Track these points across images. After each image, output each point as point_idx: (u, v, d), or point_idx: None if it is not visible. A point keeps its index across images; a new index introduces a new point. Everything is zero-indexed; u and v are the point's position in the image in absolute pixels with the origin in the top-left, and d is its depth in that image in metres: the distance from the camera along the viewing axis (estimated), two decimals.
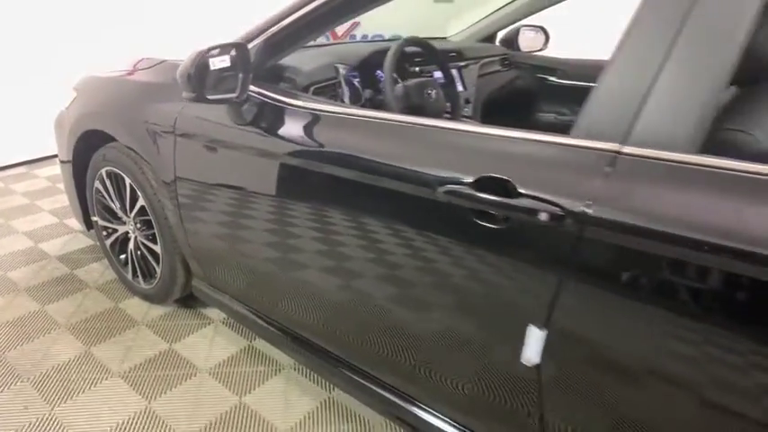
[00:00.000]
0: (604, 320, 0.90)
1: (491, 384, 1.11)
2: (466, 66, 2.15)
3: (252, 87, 1.39)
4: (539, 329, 0.95)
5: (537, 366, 0.98)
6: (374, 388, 1.37)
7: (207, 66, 1.23)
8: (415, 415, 1.29)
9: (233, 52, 1.29)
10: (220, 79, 1.30)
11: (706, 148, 0.85)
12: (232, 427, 1.50)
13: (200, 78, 1.23)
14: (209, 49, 1.23)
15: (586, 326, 0.92)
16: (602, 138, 0.89)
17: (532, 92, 2.53)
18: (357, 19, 4.81)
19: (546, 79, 2.50)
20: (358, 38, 4.69)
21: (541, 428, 1.05)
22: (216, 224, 1.56)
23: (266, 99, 1.38)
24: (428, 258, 1.09)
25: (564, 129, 0.95)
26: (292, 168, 1.30)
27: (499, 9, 2.46)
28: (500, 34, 2.64)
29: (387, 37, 4.19)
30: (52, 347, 1.81)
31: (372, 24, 4.59)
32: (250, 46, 1.38)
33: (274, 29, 1.37)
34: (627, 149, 0.86)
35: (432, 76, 1.88)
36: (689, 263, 0.79)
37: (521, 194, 0.92)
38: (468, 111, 2.10)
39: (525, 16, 2.53)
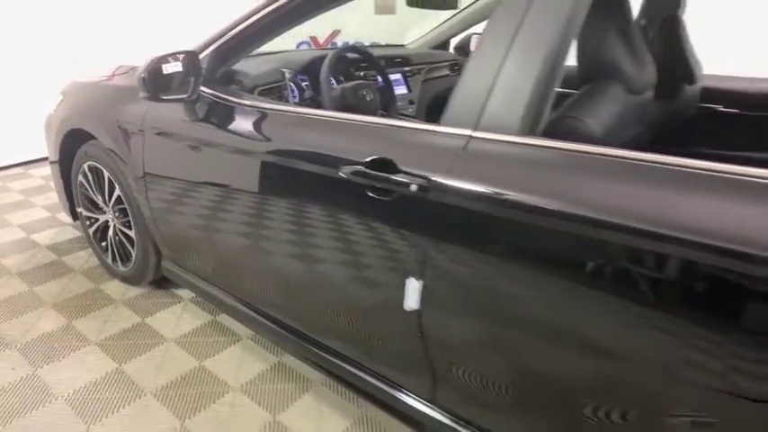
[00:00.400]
0: (464, 270, 1.12)
1: (390, 332, 1.33)
2: (411, 70, 2.38)
3: (204, 89, 1.63)
4: (416, 281, 1.17)
5: (417, 312, 1.20)
6: (315, 349, 1.58)
7: (160, 70, 1.46)
8: (347, 370, 1.51)
9: (185, 59, 1.52)
10: (176, 82, 1.54)
11: (550, 132, 1.08)
12: (190, 385, 1.72)
13: (153, 81, 1.46)
14: (162, 57, 1.47)
15: (451, 275, 1.14)
16: (460, 125, 1.12)
17: None
18: (338, 28, 5.08)
19: None
20: (339, 45, 4.95)
21: (429, 365, 1.27)
22: (180, 210, 1.79)
23: (216, 99, 1.61)
24: (341, 228, 1.32)
25: None
26: (239, 157, 1.53)
27: (449, 18, 2.69)
28: (454, 41, 2.87)
29: (367, 44, 4.44)
30: (38, 321, 2.04)
31: (351, 35, 4.86)
32: (202, 55, 1.63)
33: (223, 39, 1.61)
34: (476, 134, 1.09)
35: (376, 80, 2.12)
36: (521, 221, 1.01)
37: (399, 171, 1.15)
38: (412, 110, 2.33)
39: (477, 23, 2.76)
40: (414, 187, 1.12)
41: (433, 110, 2.50)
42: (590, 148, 1.00)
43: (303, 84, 1.91)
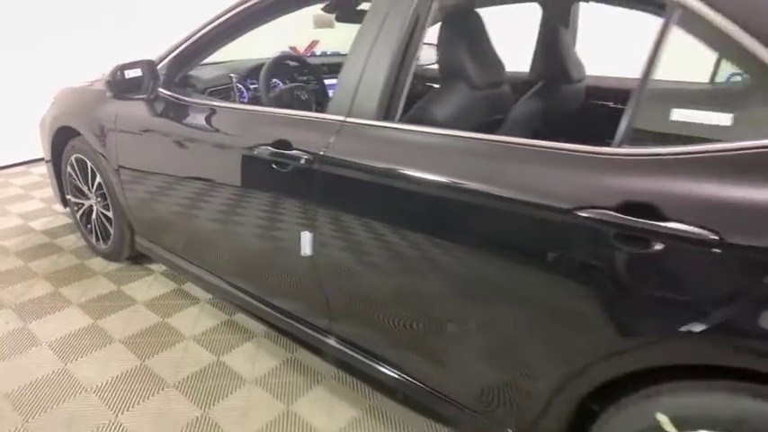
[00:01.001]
0: (341, 222, 1.47)
1: (296, 278, 1.68)
2: None
3: (163, 90, 2.00)
4: (309, 232, 1.53)
5: (311, 257, 1.55)
6: (253, 301, 1.93)
7: (123, 75, 1.84)
8: (274, 315, 1.86)
9: (144, 66, 1.90)
10: (137, 85, 1.92)
11: (410, 118, 1.44)
12: (151, 336, 2.08)
13: (116, 84, 1.84)
14: (125, 64, 1.85)
15: (333, 227, 1.49)
16: (337, 113, 1.48)
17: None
18: (316, 38, 5.47)
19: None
20: (318, 53, 5.34)
21: (325, 300, 1.61)
22: (147, 192, 2.16)
23: (173, 98, 1.98)
24: (259, 196, 1.68)
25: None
26: (191, 146, 1.89)
27: None
28: None
29: (342, 52, 4.82)
30: (30, 289, 2.41)
31: (329, 45, 5.25)
32: (161, 64, 2.01)
33: (178, 50, 1.99)
34: (348, 119, 1.45)
35: (316, 82, 2.49)
36: (379, 183, 1.36)
37: (294, 148, 1.51)
38: None
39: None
40: (303, 160, 1.49)
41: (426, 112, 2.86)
42: (427, 129, 1.36)
43: (251, 86, 2.28)
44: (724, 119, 1.00)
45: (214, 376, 1.86)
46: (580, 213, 1.03)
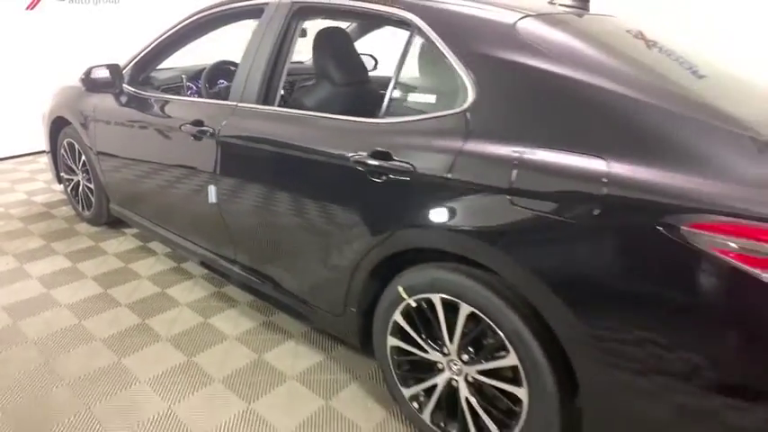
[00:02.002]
0: (233, 177, 2.08)
1: (210, 221, 2.28)
2: (292, 77, 3.37)
3: (128, 87, 2.65)
4: (213, 185, 2.14)
5: (217, 204, 2.16)
6: (189, 245, 2.55)
7: (93, 74, 2.49)
8: (200, 253, 2.47)
9: (110, 68, 2.55)
10: (107, 82, 2.57)
11: (287, 103, 2.05)
12: (117, 275, 2.71)
13: (88, 81, 2.49)
14: (95, 66, 2.50)
15: (228, 181, 2.10)
16: (234, 99, 2.10)
17: None
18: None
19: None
20: None
21: (230, 237, 2.22)
22: (116, 167, 2.80)
23: (135, 93, 2.62)
24: (187, 162, 2.29)
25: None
26: (149, 130, 2.51)
27: None
28: None
29: None
30: (27, 243, 3.06)
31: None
32: (128, 66, 2.65)
33: (139, 57, 2.64)
34: (240, 104, 2.07)
35: None
36: (257, 148, 1.97)
37: (204, 124, 2.13)
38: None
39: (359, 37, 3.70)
40: (209, 132, 2.10)
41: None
42: (285, 110, 1.96)
43: (197, 84, 2.92)
44: (431, 99, 1.59)
45: (159, 302, 2.49)
46: (365, 160, 1.61)
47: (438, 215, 1.46)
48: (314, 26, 2.26)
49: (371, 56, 3.82)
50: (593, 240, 1.23)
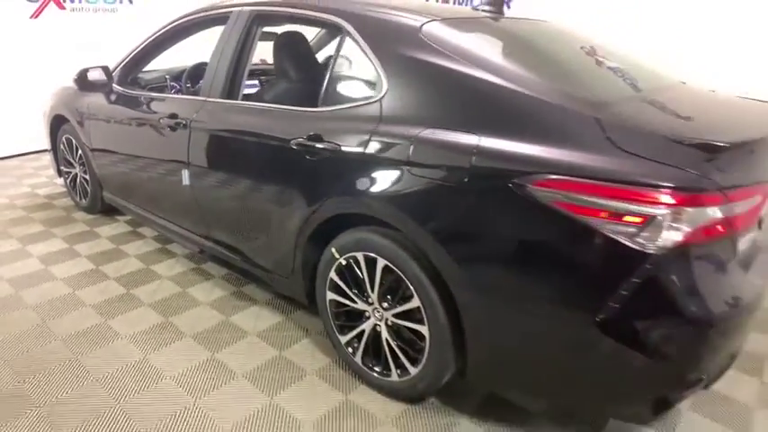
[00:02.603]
0: (202, 161, 2.40)
1: (184, 201, 2.60)
2: (265, 78, 3.68)
3: (117, 87, 2.98)
4: (186, 169, 2.46)
5: (189, 186, 2.48)
6: (169, 225, 2.87)
7: (86, 75, 2.83)
8: (179, 233, 2.80)
9: (101, 70, 2.88)
10: (98, 82, 2.90)
11: (253, 98, 2.37)
12: (111, 255, 3.04)
13: (80, 81, 2.83)
14: (87, 68, 2.84)
15: (198, 164, 2.42)
16: (203, 95, 2.42)
17: None
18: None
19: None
20: None
21: (202, 214, 2.54)
22: (107, 159, 3.13)
23: (123, 92, 2.96)
24: (167, 150, 2.61)
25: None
26: (136, 125, 2.84)
27: None
28: None
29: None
30: (29, 228, 3.40)
31: None
32: (117, 68, 2.99)
33: (127, 60, 2.97)
34: (208, 99, 2.39)
35: None
36: (219, 135, 2.30)
37: (178, 117, 2.45)
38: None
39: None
40: (182, 124, 2.43)
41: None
42: (250, 104, 2.28)
43: (180, 84, 3.25)
44: (355, 90, 1.90)
45: (143, 276, 2.81)
46: (303, 143, 1.93)
47: (356, 185, 1.77)
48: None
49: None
50: (467, 200, 1.53)
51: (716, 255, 1.37)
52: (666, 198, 1.28)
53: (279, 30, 2.59)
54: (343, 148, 1.81)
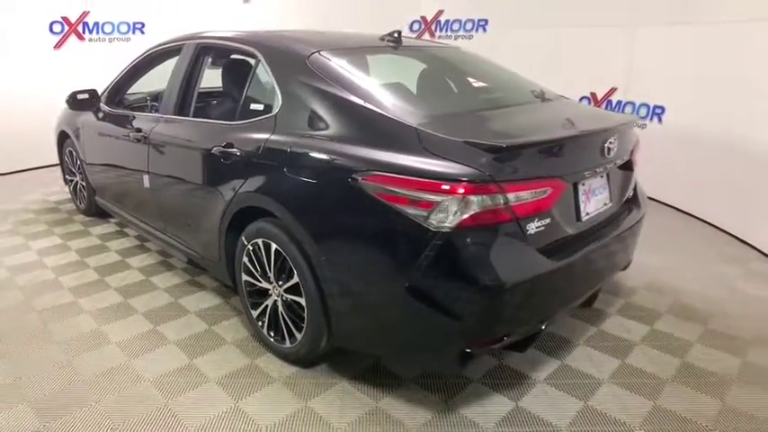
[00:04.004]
0: (158, 165, 2.87)
1: (147, 202, 3.07)
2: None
3: (104, 106, 3.51)
4: (146, 175, 2.94)
5: (149, 188, 2.95)
6: (141, 224, 3.35)
7: (76, 96, 3.37)
8: (146, 229, 3.27)
9: (90, 92, 3.43)
10: (88, 102, 3.45)
11: (201, 115, 2.85)
12: (99, 250, 3.54)
13: (72, 101, 3.38)
14: (77, 90, 3.38)
15: (155, 170, 2.89)
16: (162, 112, 2.91)
17: None
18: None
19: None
20: None
21: (160, 213, 3.00)
22: (98, 168, 3.66)
23: (110, 111, 3.49)
24: (139, 160, 3.10)
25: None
26: (121, 139, 3.34)
27: None
28: None
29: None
30: (35, 228, 3.96)
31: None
32: (105, 90, 3.53)
33: (113, 83, 3.51)
34: (164, 116, 2.88)
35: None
36: (169, 143, 2.77)
37: (140, 130, 2.94)
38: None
39: None
40: (144, 137, 2.91)
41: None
42: (191, 119, 2.73)
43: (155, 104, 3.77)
44: (261, 107, 2.33)
45: (118, 266, 3.29)
46: (221, 149, 2.36)
47: (254, 183, 2.19)
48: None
49: None
50: (322, 192, 1.92)
51: (500, 233, 1.70)
52: (448, 187, 1.63)
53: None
54: (246, 154, 2.23)
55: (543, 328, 1.89)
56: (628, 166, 2.32)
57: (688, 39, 4.23)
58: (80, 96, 3.43)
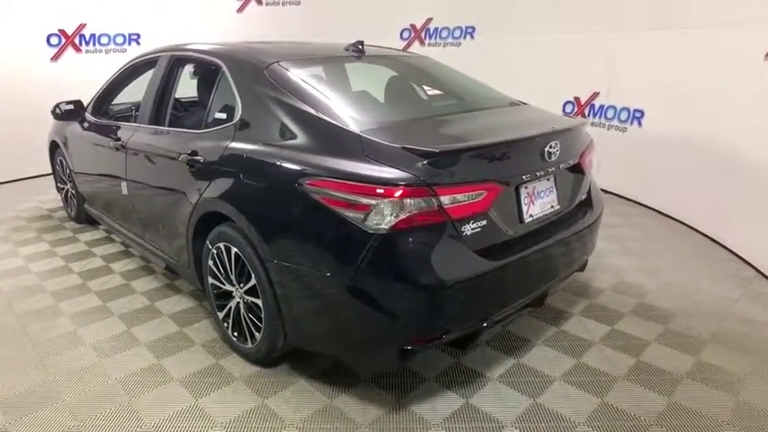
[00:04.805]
0: (134, 173, 2.97)
1: (127, 208, 3.18)
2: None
3: (89, 116, 3.64)
4: (123, 180, 3.05)
5: (127, 195, 3.06)
6: (123, 230, 3.46)
7: (61, 107, 3.50)
8: (126, 235, 3.38)
9: (74, 103, 3.55)
10: (73, 113, 3.57)
11: (175, 124, 2.96)
12: (86, 256, 3.65)
13: (57, 111, 3.50)
14: (62, 101, 3.51)
15: (132, 177, 3.00)
16: (139, 122, 3.02)
17: None
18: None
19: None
20: None
21: (138, 217, 3.10)
22: (85, 177, 3.78)
23: (95, 121, 3.61)
24: (114, 168, 3.21)
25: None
26: (105, 148, 3.45)
27: None
28: None
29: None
30: (24, 235, 4.09)
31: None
32: (90, 101, 3.65)
33: (97, 94, 3.64)
34: (141, 125, 2.98)
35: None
36: (145, 152, 2.87)
37: (119, 138, 3.05)
38: None
39: None
40: (122, 145, 3.02)
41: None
42: (163, 128, 2.84)
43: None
44: (223, 115, 2.42)
45: (101, 271, 3.40)
46: (186, 157, 2.46)
47: (214, 189, 2.28)
48: None
49: None
50: (273, 196, 2.01)
51: (435, 235, 1.77)
52: (383, 191, 1.71)
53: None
54: (208, 161, 2.32)
55: (485, 326, 1.95)
56: (578, 169, 2.38)
57: (666, 44, 4.28)
58: (65, 107, 3.56)
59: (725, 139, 3.75)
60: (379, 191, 1.71)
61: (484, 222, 1.87)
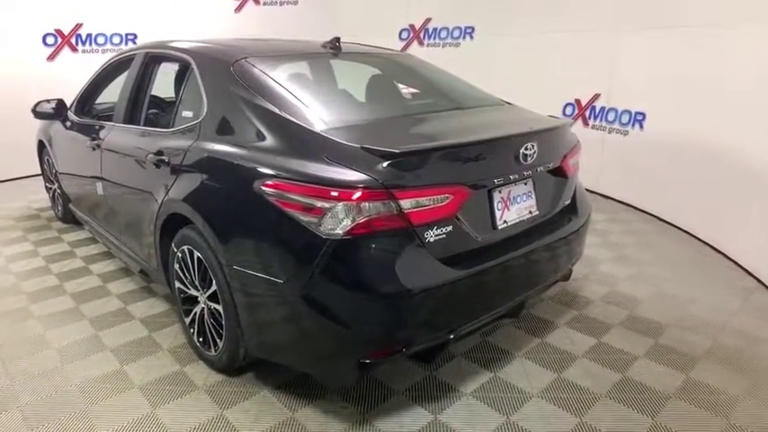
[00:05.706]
0: (110, 171, 2.90)
1: (103, 206, 3.11)
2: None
3: (72, 116, 3.58)
4: (99, 181, 2.98)
5: (103, 194, 2.99)
6: (115, 242, 3.39)
7: (41, 107, 3.45)
8: (105, 237, 3.31)
9: (57, 102, 3.50)
10: (56, 112, 3.52)
11: (149, 123, 2.88)
12: (68, 256, 3.60)
13: (39, 110, 3.45)
14: (44, 100, 3.46)
15: (107, 177, 2.93)
16: (115, 121, 2.94)
17: None
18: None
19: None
20: None
21: (115, 218, 3.03)
22: (68, 176, 3.73)
23: (78, 120, 3.55)
24: (92, 167, 3.15)
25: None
26: (87, 147, 3.38)
27: None
28: None
29: None
30: (11, 234, 4.05)
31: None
32: (74, 100, 3.60)
33: (80, 93, 3.58)
34: (116, 124, 2.91)
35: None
36: (121, 154, 2.80)
37: (99, 138, 2.98)
38: None
39: None
40: (97, 145, 2.95)
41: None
42: (135, 127, 2.77)
43: None
44: (190, 114, 2.34)
45: (80, 273, 3.33)
46: (154, 155, 2.37)
47: (177, 190, 2.19)
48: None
49: None
50: (230, 198, 1.92)
51: (394, 241, 1.65)
52: (338, 194, 1.60)
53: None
54: (173, 161, 2.24)
55: (452, 338, 1.83)
56: (561, 172, 2.25)
57: (668, 44, 4.12)
58: (45, 106, 3.51)
59: (727, 143, 3.58)
60: (333, 193, 1.60)
61: (450, 228, 1.76)
